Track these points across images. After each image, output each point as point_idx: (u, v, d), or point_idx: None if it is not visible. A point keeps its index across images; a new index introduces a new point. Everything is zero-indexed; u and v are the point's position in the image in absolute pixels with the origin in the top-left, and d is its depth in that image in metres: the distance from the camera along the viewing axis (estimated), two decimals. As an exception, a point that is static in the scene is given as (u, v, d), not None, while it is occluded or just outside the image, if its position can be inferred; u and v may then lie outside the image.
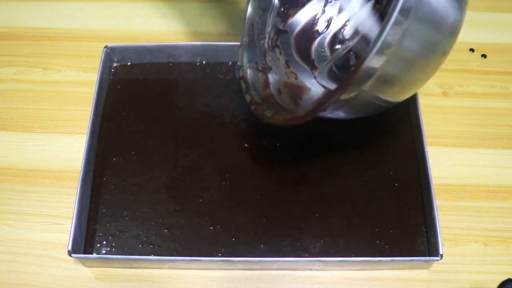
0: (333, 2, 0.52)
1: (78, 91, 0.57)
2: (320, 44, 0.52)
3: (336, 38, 0.52)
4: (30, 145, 0.54)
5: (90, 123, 0.50)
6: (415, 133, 0.52)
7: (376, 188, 0.49)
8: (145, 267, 0.46)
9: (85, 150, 0.48)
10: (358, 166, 0.51)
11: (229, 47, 0.56)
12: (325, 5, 0.52)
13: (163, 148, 0.52)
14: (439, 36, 0.37)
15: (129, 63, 0.58)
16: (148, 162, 0.51)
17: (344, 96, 0.37)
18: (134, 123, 0.54)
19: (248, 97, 0.48)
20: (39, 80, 0.58)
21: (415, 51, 0.36)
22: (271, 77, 0.50)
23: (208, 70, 0.57)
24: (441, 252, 0.43)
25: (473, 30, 0.62)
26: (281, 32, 0.52)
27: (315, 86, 0.50)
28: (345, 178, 0.50)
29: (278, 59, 0.51)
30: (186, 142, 0.52)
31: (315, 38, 0.52)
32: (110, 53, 0.56)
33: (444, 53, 0.39)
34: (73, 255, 0.44)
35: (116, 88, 0.56)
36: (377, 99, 0.39)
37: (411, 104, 0.52)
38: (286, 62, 0.51)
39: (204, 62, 0.58)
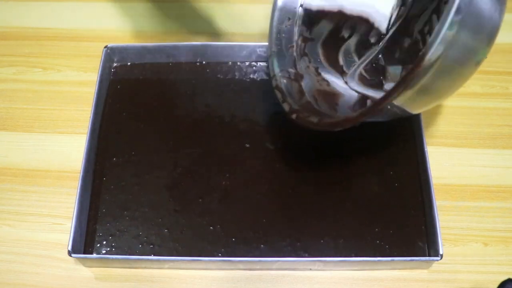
0: None
1: (78, 91, 0.57)
2: (347, 50, 0.51)
3: (362, 42, 0.51)
4: (30, 145, 0.54)
5: (90, 123, 0.50)
6: (415, 133, 0.52)
7: (376, 188, 0.49)
8: (145, 267, 0.46)
9: (85, 150, 0.48)
10: (358, 166, 0.51)
11: (229, 47, 0.56)
12: None
13: (163, 148, 0.52)
14: (480, 43, 0.36)
15: (129, 63, 0.58)
16: (148, 162, 0.51)
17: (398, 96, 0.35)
18: (134, 123, 0.54)
19: (286, 106, 0.47)
20: (39, 80, 0.58)
21: (456, 59, 0.34)
22: (304, 85, 0.49)
23: (208, 70, 0.57)
24: (441, 252, 0.43)
25: (473, 30, 0.62)
26: (308, 40, 0.51)
27: (347, 92, 0.49)
28: (345, 178, 0.50)
29: (308, 67, 0.50)
30: (186, 142, 0.52)
31: (341, 44, 0.52)
32: (110, 53, 0.56)
33: (478, 63, 0.37)
34: (73, 255, 0.44)
35: (116, 88, 0.56)
36: (398, 109, 0.38)
37: (411, 104, 0.52)
38: (316, 70, 0.50)
39: (204, 62, 0.58)
